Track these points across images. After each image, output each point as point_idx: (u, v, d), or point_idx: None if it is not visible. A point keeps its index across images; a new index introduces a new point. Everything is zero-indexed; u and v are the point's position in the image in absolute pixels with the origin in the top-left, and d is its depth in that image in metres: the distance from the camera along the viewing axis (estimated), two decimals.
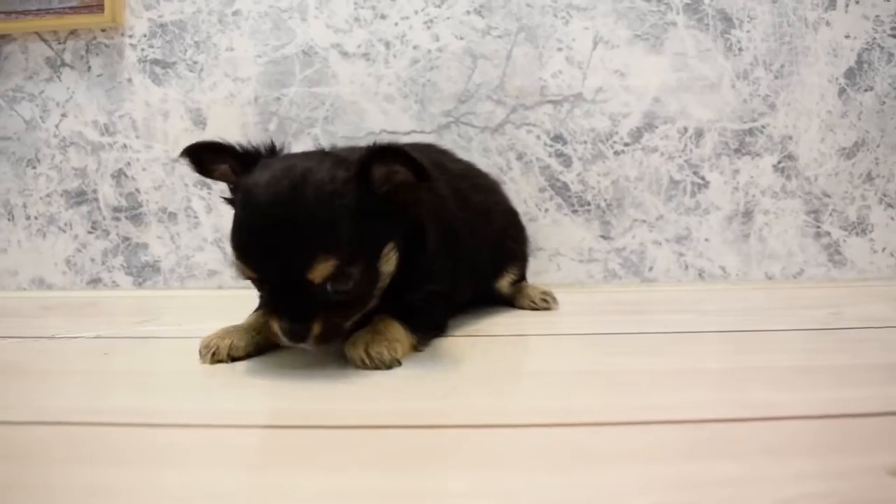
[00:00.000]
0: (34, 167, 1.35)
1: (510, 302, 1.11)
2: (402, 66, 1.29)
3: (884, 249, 1.31)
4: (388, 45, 1.29)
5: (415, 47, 1.28)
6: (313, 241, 0.68)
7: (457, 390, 0.69)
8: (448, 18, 1.28)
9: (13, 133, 1.35)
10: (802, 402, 0.63)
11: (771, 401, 0.63)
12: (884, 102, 1.29)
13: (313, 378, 0.72)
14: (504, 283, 1.09)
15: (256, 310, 0.83)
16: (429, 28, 1.28)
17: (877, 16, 1.28)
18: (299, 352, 0.82)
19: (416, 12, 1.28)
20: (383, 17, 1.28)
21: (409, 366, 0.76)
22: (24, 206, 1.36)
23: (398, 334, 0.77)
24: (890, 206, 1.31)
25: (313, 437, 0.56)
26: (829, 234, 1.31)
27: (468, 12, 1.28)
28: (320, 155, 0.78)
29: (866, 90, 1.29)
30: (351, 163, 0.72)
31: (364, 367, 0.72)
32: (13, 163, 1.35)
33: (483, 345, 0.89)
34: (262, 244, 0.69)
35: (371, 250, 0.72)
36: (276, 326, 0.72)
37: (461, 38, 1.28)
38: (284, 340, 0.72)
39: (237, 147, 0.78)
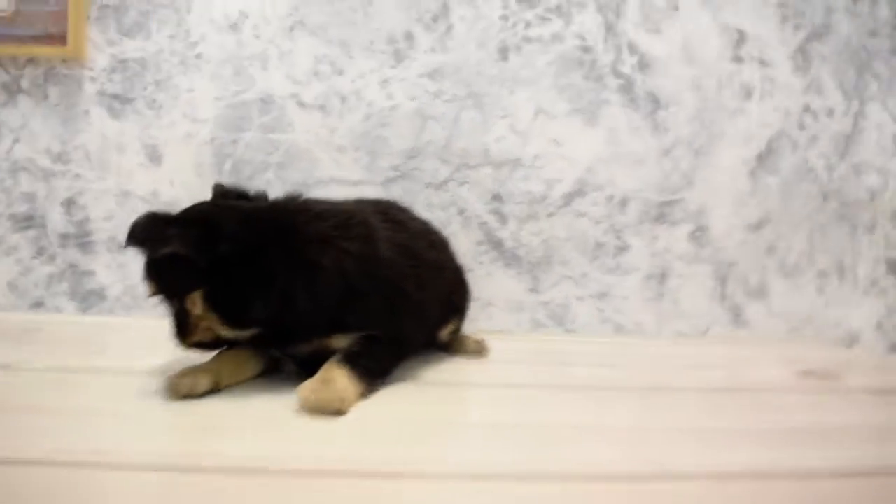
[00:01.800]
0: None
1: (446, 348, 1.20)
2: (355, 120, 1.36)
3: (780, 314, 1.47)
4: (343, 99, 1.36)
5: (369, 104, 1.36)
6: (146, 267, 0.88)
7: (414, 439, 0.77)
8: (402, 80, 1.36)
9: None
10: (707, 462, 0.72)
11: (676, 459, 0.73)
12: (788, 185, 1.45)
13: (264, 419, 0.79)
14: (444, 333, 1.18)
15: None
16: (383, 87, 1.36)
17: (787, 108, 1.43)
18: (255, 393, 0.90)
19: (372, 71, 1.36)
20: (341, 73, 1.36)
21: (356, 410, 0.84)
22: None
23: (345, 383, 0.84)
24: (787, 275, 1.47)
25: (253, 483, 0.62)
26: (732, 297, 1.46)
27: (421, 75, 1.36)
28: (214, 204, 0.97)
29: (773, 173, 1.44)
30: None
31: (313, 413, 0.80)
32: None
33: (431, 393, 0.98)
34: None
35: (176, 291, 0.88)
36: None
37: (413, 99, 1.37)
38: None
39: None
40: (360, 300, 0.91)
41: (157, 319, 0.99)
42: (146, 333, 1.26)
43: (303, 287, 0.88)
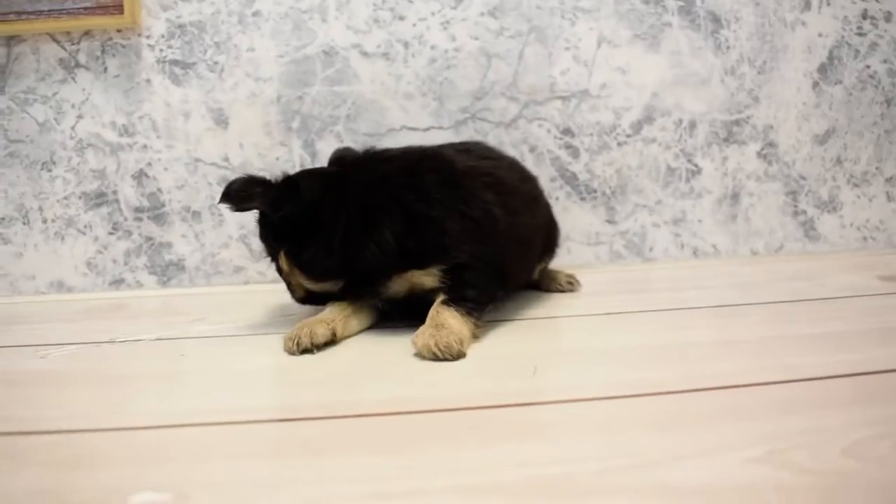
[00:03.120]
0: (49, 170, 1.34)
1: (536, 286, 1.20)
2: (420, 66, 1.35)
3: (851, 224, 1.47)
4: (406, 45, 1.34)
5: (432, 47, 1.35)
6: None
7: (540, 370, 0.78)
8: (463, 20, 1.34)
9: (26, 136, 1.34)
10: (824, 364, 0.75)
11: (800, 364, 0.75)
12: (851, 94, 1.44)
13: (398, 366, 0.80)
14: (536, 271, 1.18)
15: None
16: (445, 29, 1.34)
17: (845, 16, 1.42)
18: (376, 341, 0.92)
19: (432, 14, 1.34)
20: (401, 18, 1.34)
21: (481, 349, 0.85)
22: (40, 209, 1.35)
23: (458, 325, 0.85)
24: (856, 185, 1.47)
25: (427, 421, 0.63)
26: (804, 212, 1.46)
27: (482, 14, 1.35)
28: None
29: (836, 83, 1.44)
30: None
31: (434, 358, 0.80)
32: (26, 166, 1.34)
33: (536, 327, 1.00)
34: None
35: (272, 253, 0.99)
36: None
37: (476, 39, 1.35)
38: None
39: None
40: (431, 228, 0.90)
41: (237, 286, 1.02)
42: (231, 300, 1.27)
43: (360, 230, 0.90)
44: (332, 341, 0.89)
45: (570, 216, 1.40)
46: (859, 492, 0.48)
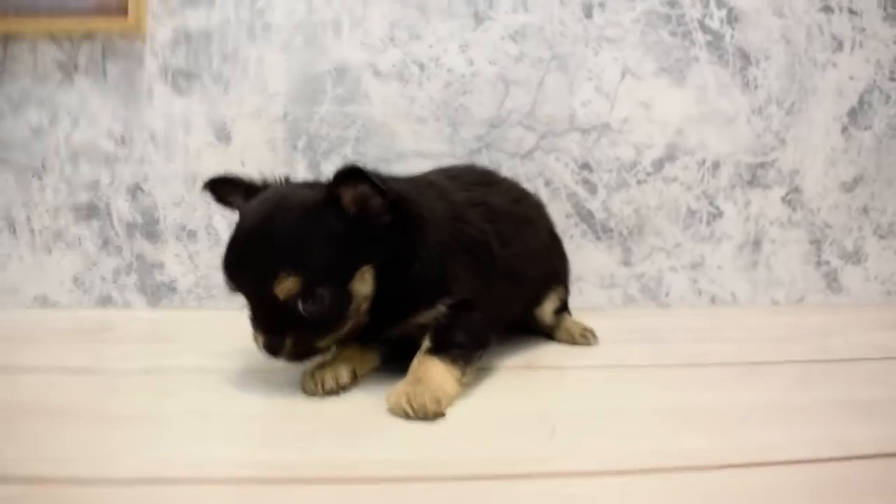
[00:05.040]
0: (40, 178, 1.28)
1: (550, 334, 1.12)
2: (435, 89, 1.29)
3: (875, 278, 1.41)
4: (421, 66, 1.28)
5: (448, 70, 1.29)
6: (278, 259, 0.75)
7: (557, 431, 0.71)
8: (482, 43, 1.28)
9: (17, 140, 1.27)
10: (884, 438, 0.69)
11: (858, 438, 0.69)
12: (881, 141, 1.39)
13: (400, 420, 0.73)
14: (547, 310, 1.10)
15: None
16: (463, 52, 1.28)
17: (878, 60, 1.37)
18: (376, 388, 0.83)
19: (450, 35, 1.28)
20: (418, 38, 1.28)
21: (490, 402, 0.78)
22: (28, 218, 1.28)
23: (439, 379, 0.77)
24: (882, 237, 1.40)
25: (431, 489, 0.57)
26: (828, 262, 1.40)
27: (503, 38, 1.29)
28: (305, 183, 0.89)
29: (866, 129, 1.38)
30: (323, 188, 0.79)
31: (407, 418, 0.73)
32: (16, 172, 1.27)
33: (547, 378, 0.93)
34: (238, 261, 0.78)
35: (342, 272, 0.77)
36: (257, 339, 0.79)
37: (494, 64, 1.29)
38: (263, 353, 0.79)
39: (246, 179, 0.89)
40: (440, 266, 0.85)
41: (231, 311, 0.94)
42: (223, 326, 1.19)
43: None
44: (352, 383, 0.84)
45: (584, 256, 1.33)
46: None
